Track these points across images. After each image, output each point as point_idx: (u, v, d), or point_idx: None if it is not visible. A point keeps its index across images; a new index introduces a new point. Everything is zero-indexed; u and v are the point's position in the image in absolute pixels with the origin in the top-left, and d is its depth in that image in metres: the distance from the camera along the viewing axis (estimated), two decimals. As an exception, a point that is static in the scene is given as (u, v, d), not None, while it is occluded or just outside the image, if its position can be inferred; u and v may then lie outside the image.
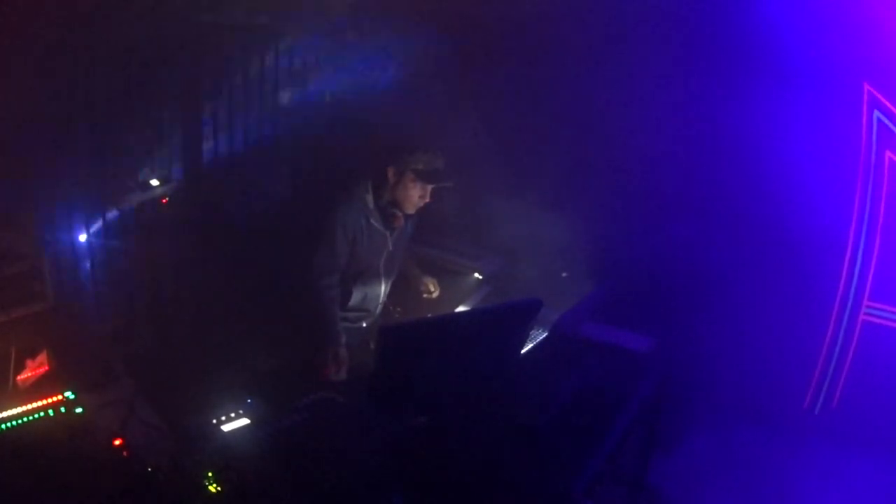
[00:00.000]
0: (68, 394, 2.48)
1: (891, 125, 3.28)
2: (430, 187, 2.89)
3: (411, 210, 2.95)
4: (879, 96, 3.27)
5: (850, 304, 3.49)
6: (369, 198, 2.90)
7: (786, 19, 3.23)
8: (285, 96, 4.11)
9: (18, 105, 3.22)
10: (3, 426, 2.32)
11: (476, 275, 3.64)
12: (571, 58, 3.60)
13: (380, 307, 3.16)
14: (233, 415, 2.14)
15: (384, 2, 3.87)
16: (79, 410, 2.42)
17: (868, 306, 3.46)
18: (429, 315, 3.18)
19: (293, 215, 3.67)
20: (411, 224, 3.12)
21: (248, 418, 2.14)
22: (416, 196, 2.88)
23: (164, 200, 3.84)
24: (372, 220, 2.90)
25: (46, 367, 3.06)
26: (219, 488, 1.88)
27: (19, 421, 2.36)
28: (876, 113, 3.29)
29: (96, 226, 3.69)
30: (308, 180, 4.11)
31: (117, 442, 2.21)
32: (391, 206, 2.92)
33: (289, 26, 3.94)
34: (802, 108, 3.30)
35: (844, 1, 3.18)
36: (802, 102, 3.30)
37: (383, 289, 3.10)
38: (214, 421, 2.11)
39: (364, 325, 3.11)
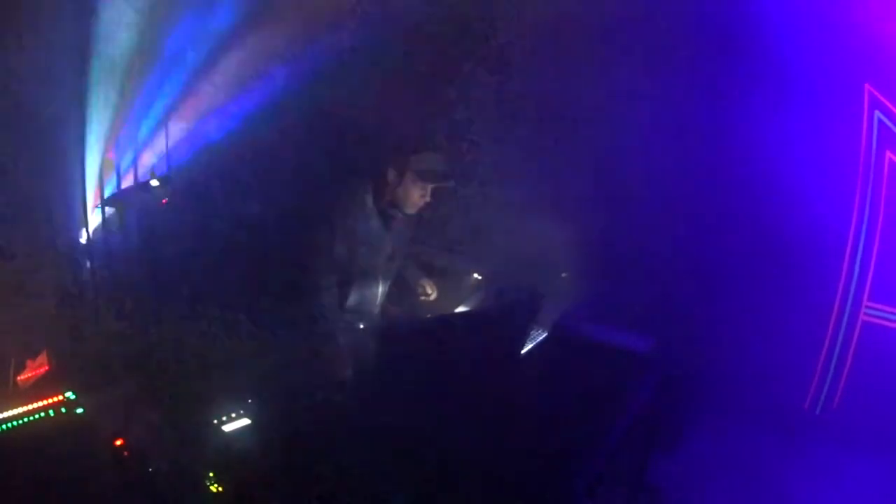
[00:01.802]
0: (69, 394, 2.48)
1: (891, 125, 3.28)
2: (430, 187, 2.89)
3: (411, 210, 2.94)
4: (880, 97, 3.27)
5: (850, 305, 3.49)
6: (369, 198, 2.89)
7: (787, 20, 3.23)
8: (285, 95, 4.11)
9: (18, 107, 3.23)
10: (4, 426, 2.32)
11: (476, 275, 3.63)
12: (572, 59, 3.60)
13: (378, 308, 3.15)
14: (233, 415, 2.14)
15: (385, 2, 3.87)
16: (79, 410, 2.42)
17: (868, 307, 3.46)
18: (428, 315, 3.18)
19: (293, 216, 3.67)
20: (410, 225, 3.12)
21: (249, 418, 2.14)
22: (416, 196, 2.87)
23: (164, 201, 3.84)
24: (371, 221, 2.90)
25: (47, 367, 3.07)
26: (219, 488, 1.89)
27: (20, 421, 2.35)
28: (877, 113, 3.30)
29: (96, 226, 3.69)
30: (308, 181, 4.10)
31: (117, 442, 2.21)
32: (391, 206, 2.92)
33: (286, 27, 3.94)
34: (803, 108, 3.31)
35: (845, 2, 3.18)
36: (803, 103, 3.30)
37: (381, 290, 3.10)
38: (215, 421, 2.11)
39: (362, 326, 3.10)
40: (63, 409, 2.42)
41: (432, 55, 3.86)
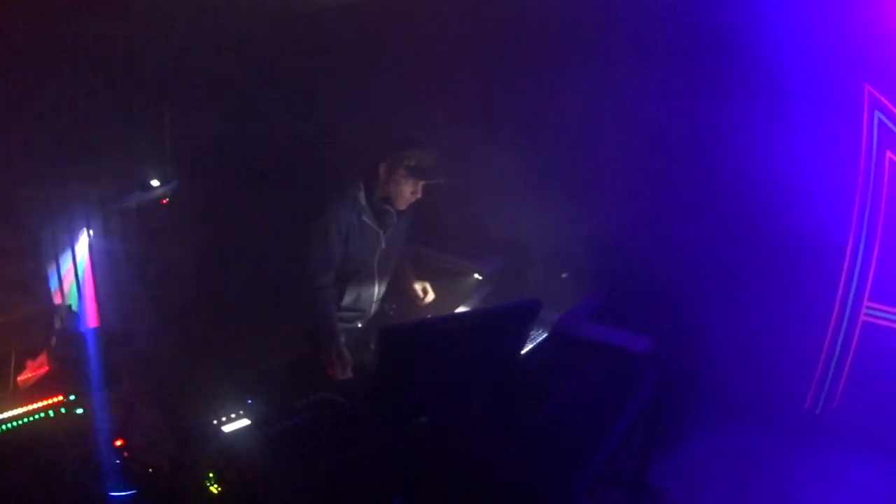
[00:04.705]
0: (68, 394, 2.49)
1: (891, 125, 3.28)
2: (421, 183, 2.89)
3: (403, 206, 2.95)
4: (880, 97, 3.26)
5: (850, 305, 3.49)
6: (361, 195, 2.90)
7: (787, 20, 3.23)
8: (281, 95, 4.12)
9: (19, 107, 3.23)
10: (4, 426, 2.32)
11: (476, 275, 3.63)
12: (573, 59, 3.60)
13: (374, 307, 3.15)
14: (233, 415, 2.14)
15: (385, 2, 3.88)
16: (79, 411, 2.42)
17: (868, 307, 3.46)
18: (428, 316, 3.18)
19: (292, 215, 3.68)
20: (405, 222, 3.12)
21: (249, 419, 2.14)
22: (407, 192, 2.89)
23: (164, 201, 3.84)
24: (364, 217, 2.90)
25: (46, 368, 3.07)
26: (219, 488, 1.88)
27: (20, 421, 2.36)
28: (876, 113, 3.29)
29: (96, 226, 3.69)
30: (305, 180, 4.11)
31: (118, 442, 2.22)
32: (383, 202, 2.93)
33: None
34: (803, 108, 3.30)
35: (845, 2, 3.18)
36: (803, 103, 3.30)
37: (377, 289, 3.09)
38: (215, 421, 2.11)
39: (359, 325, 3.10)
40: (63, 410, 2.42)
41: (427, 53, 3.87)
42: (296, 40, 4.05)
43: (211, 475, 1.90)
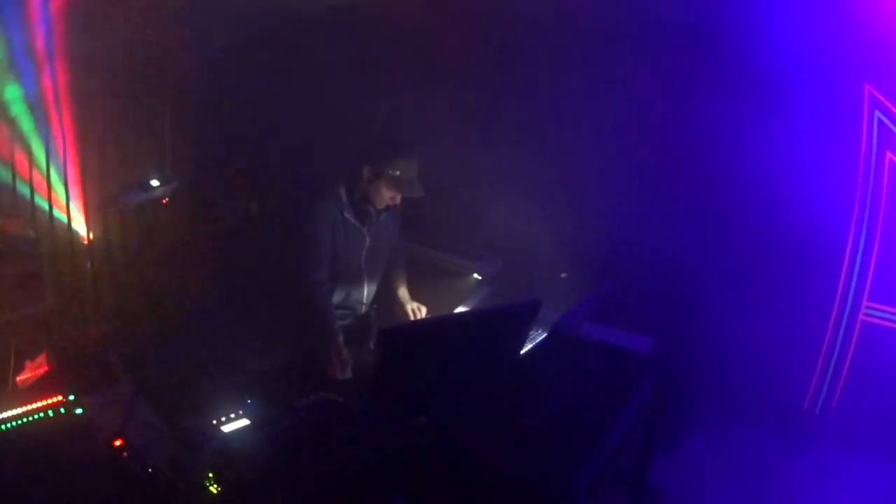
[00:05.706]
0: (68, 394, 2.48)
1: (891, 125, 3.28)
2: (400, 196, 2.92)
3: (381, 206, 2.97)
4: (880, 97, 3.27)
5: (849, 305, 3.49)
6: (343, 192, 2.92)
7: (787, 21, 3.23)
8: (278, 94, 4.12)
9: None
10: (3, 427, 2.32)
11: (475, 275, 3.63)
12: (574, 59, 3.60)
13: (365, 306, 3.16)
14: (233, 415, 2.14)
15: (381, 2, 3.88)
16: (79, 411, 2.42)
17: (868, 307, 3.46)
18: (428, 316, 3.17)
19: (287, 213, 3.69)
20: (392, 220, 3.12)
21: (248, 419, 2.13)
22: (387, 197, 2.91)
23: (164, 201, 3.84)
24: (346, 214, 2.92)
25: (46, 368, 3.07)
26: (219, 489, 1.88)
27: (19, 421, 2.35)
28: (876, 113, 3.30)
29: (97, 226, 3.69)
30: (303, 178, 4.11)
31: (117, 442, 2.21)
32: (363, 201, 2.95)
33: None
34: (803, 109, 3.31)
35: (845, 2, 3.18)
36: (803, 103, 3.31)
37: (366, 288, 3.10)
38: (214, 422, 2.11)
39: (352, 322, 3.11)
40: (63, 410, 2.41)
41: (427, 53, 3.87)
42: (294, 41, 4.05)
43: (211, 475, 1.90)
